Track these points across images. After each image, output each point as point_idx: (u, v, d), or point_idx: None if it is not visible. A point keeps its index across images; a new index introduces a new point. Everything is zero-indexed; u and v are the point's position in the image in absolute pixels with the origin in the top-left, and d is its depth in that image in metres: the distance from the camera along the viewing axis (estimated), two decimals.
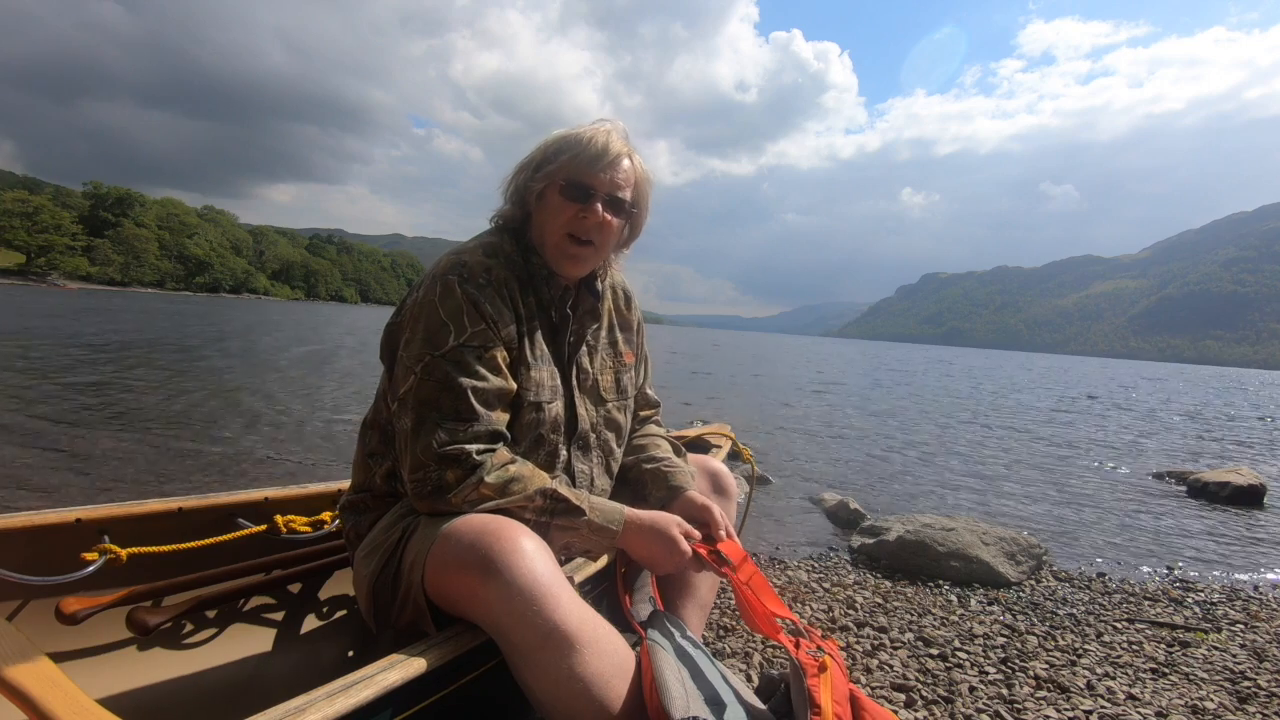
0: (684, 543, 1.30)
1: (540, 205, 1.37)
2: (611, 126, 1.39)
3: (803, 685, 1.10)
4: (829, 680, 1.11)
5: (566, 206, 1.34)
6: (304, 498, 1.78)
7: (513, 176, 1.40)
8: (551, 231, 1.36)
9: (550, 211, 1.36)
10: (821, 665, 1.15)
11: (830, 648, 1.24)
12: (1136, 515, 5.06)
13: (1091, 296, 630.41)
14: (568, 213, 1.34)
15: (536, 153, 1.38)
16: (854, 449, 7.49)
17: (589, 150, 1.33)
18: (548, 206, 1.36)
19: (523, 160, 1.40)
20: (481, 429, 1.21)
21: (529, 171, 1.37)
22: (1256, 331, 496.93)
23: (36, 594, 1.30)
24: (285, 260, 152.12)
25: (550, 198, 1.35)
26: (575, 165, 1.33)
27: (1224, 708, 1.95)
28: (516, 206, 1.40)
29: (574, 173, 1.33)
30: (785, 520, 4.20)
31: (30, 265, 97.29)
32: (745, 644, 2.18)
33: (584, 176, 1.33)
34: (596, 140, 1.34)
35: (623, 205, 1.38)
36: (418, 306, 1.27)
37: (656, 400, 1.71)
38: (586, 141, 1.34)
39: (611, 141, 1.36)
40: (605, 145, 1.35)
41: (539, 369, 1.33)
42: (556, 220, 1.35)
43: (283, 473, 4.57)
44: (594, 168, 1.33)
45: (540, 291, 1.39)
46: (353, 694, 0.85)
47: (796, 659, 1.17)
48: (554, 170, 1.34)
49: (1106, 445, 9.32)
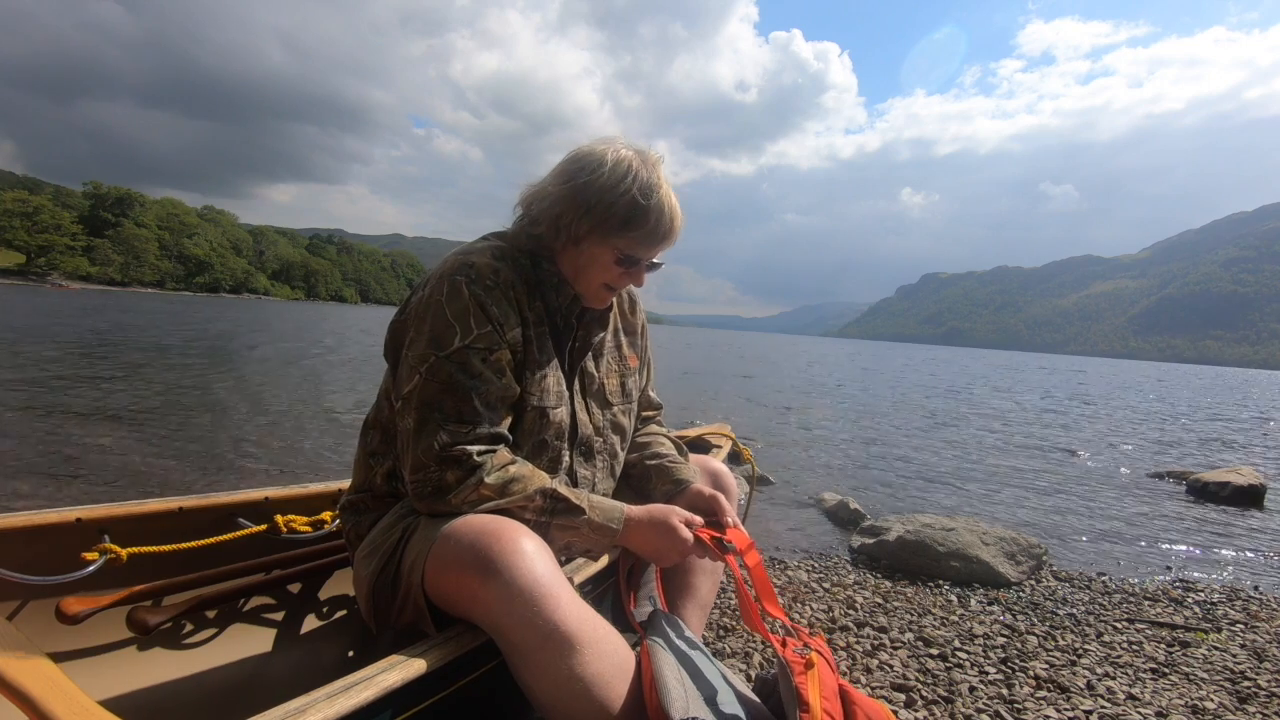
0: (685, 530, 1.29)
1: (581, 249, 1.32)
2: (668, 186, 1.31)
3: (790, 684, 1.10)
4: (816, 677, 1.11)
5: (614, 268, 1.33)
6: (304, 498, 1.78)
7: (558, 206, 1.29)
8: (589, 280, 1.35)
9: (596, 267, 1.33)
10: (808, 663, 1.15)
11: (818, 644, 1.24)
12: (1137, 515, 5.06)
13: (1091, 296, 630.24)
14: (613, 273, 1.33)
15: (594, 203, 1.26)
16: (854, 449, 7.49)
17: (657, 234, 1.30)
18: (594, 261, 1.32)
19: (571, 196, 1.27)
20: (483, 431, 1.20)
21: (579, 214, 1.27)
22: (1256, 331, 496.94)
23: (36, 594, 1.30)
24: (285, 260, 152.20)
25: (599, 255, 1.31)
26: (640, 245, 1.30)
27: (1224, 708, 1.95)
28: (558, 238, 1.32)
29: (636, 250, 1.31)
30: (785, 520, 4.19)
31: (30, 265, 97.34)
32: (745, 644, 2.18)
33: (643, 254, 1.33)
34: (663, 223, 1.29)
35: (657, 265, 1.39)
36: (423, 306, 1.25)
37: (659, 402, 1.72)
38: (655, 222, 1.28)
39: (677, 218, 1.32)
40: (670, 229, 1.31)
41: (544, 374, 1.33)
42: (596, 272, 1.33)
43: (283, 472, 4.57)
44: (660, 247, 1.33)
45: (548, 298, 1.37)
46: (353, 694, 0.85)
47: (783, 657, 1.17)
48: (615, 238, 1.29)
49: (1107, 445, 9.32)
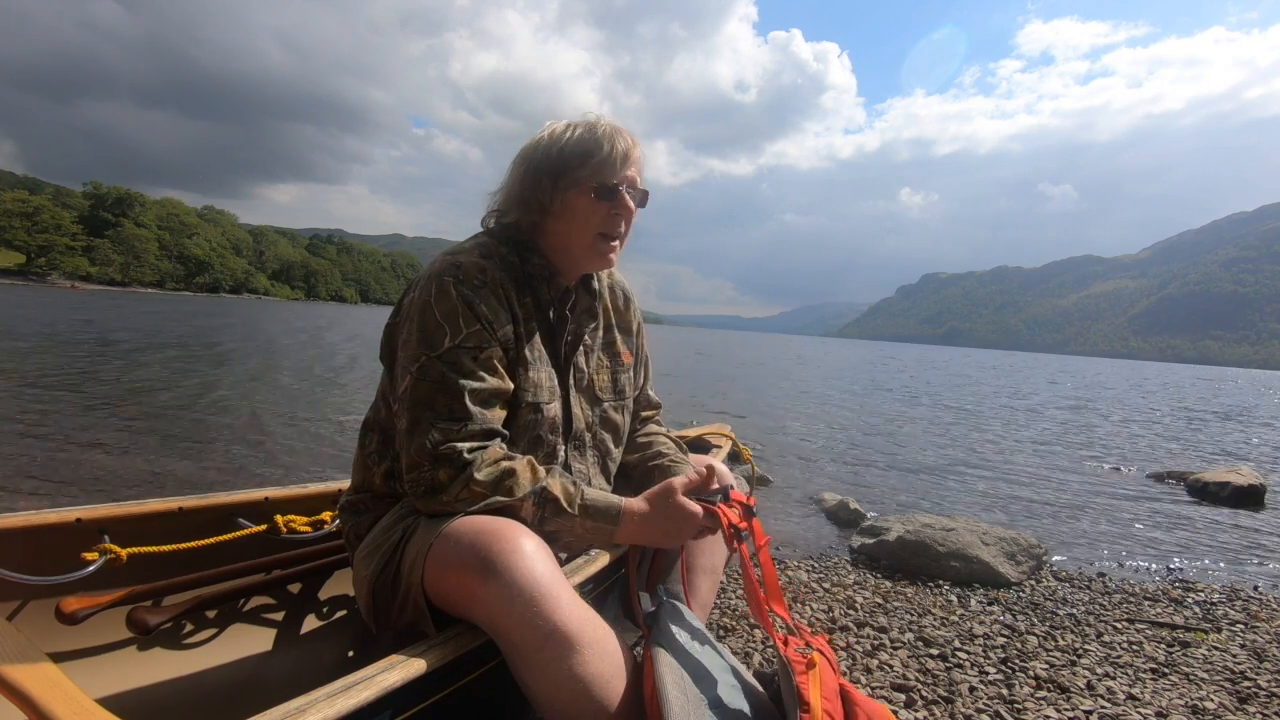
0: (688, 501, 1.29)
1: (564, 212, 1.36)
2: (610, 121, 1.39)
3: (791, 683, 1.10)
4: (818, 677, 1.11)
5: (598, 208, 1.34)
6: (304, 498, 1.78)
7: (517, 185, 1.37)
8: (582, 235, 1.36)
9: (579, 217, 1.35)
10: (810, 662, 1.14)
11: (819, 644, 1.24)
12: (1136, 515, 5.06)
13: (1091, 296, 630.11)
14: (600, 213, 1.35)
15: (545, 161, 1.34)
16: (854, 449, 7.49)
17: (616, 153, 1.33)
18: (575, 212, 1.35)
19: (524, 168, 1.37)
20: (475, 428, 1.21)
21: (547, 180, 1.34)
22: (1256, 331, 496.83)
23: (36, 594, 1.30)
24: (285, 260, 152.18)
25: (578, 203, 1.34)
26: (605, 170, 1.33)
27: (1224, 708, 1.95)
28: (529, 214, 1.37)
29: (604, 177, 1.33)
30: (785, 520, 4.20)
31: (30, 265, 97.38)
32: (745, 644, 2.18)
33: (615, 177, 1.34)
34: (617, 142, 1.35)
35: (642, 195, 1.41)
36: (413, 308, 1.27)
37: (658, 401, 1.72)
38: (609, 144, 1.34)
39: (625, 137, 1.36)
40: (627, 146, 1.35)
41: (537, 370, 1.34)
42: (588, 224, 1.35)
43: (283, 473, 4.57)
44: (625, 168, 1.35)
45: (538, 292, 1.38)
46: (353, 694, 0.85)
47: (785, 656, 1.17)
48: (583, 177, 1.33)
49: (1107, 445, 9.32)
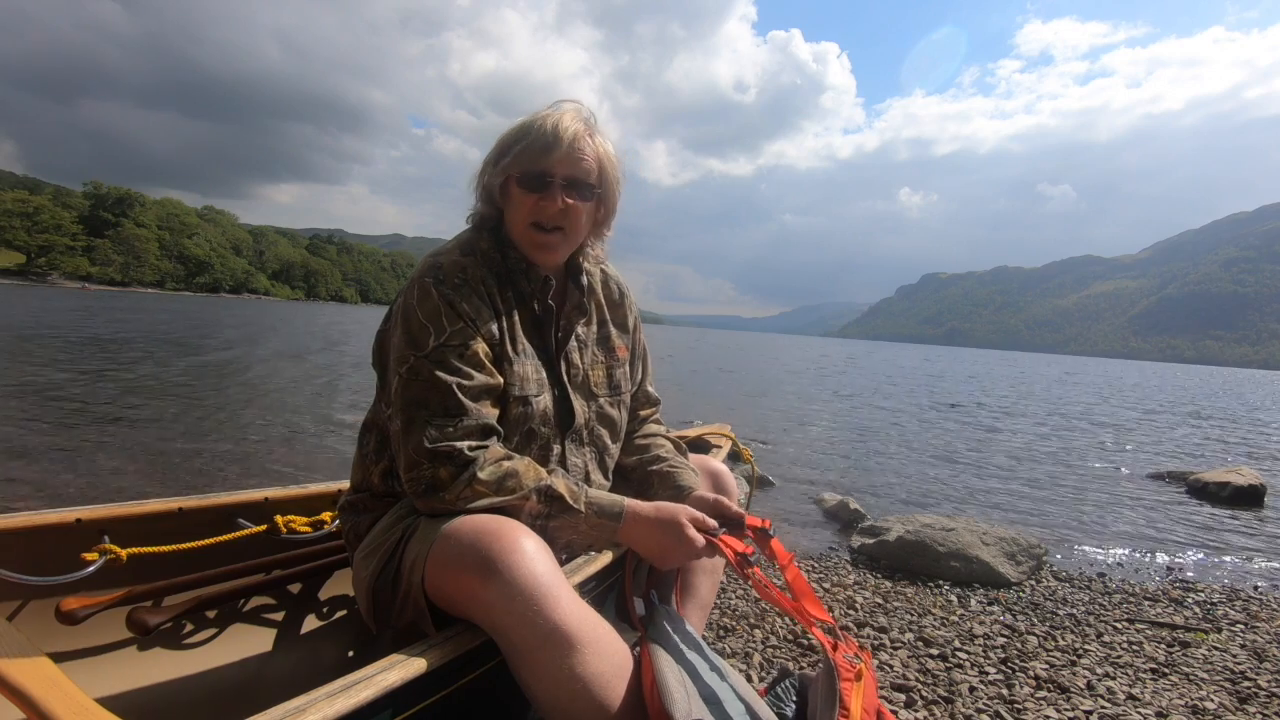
0: (694, 532, 1.27)
1: (505, 199, 1.36)
2: (571, 107, 1.36)
3: (835, 686, 1.10)
4: (863, 689, 1.11)
5: (526, 197, 1.32)
6: (304, 498, 1.78)
7: (480, 174, 1.39)
8: (517, 223, 1.35)
9: (514, 204, 1.35)
10: (858, 673, 1.14)
11: (867, 659, 1.23)
12: (1136, 515, 5.06)
13: (1091, 296, 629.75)
14: (528, 203, 1.32)
15: (493, 149, 1.36)
16: (854, 449, 7.49)
17: (541, 137, 1.29)
18: (511, 199, 1.35)
19: (487, 156, 1.38)
20: (471, 424, 1.21)
21: (490, 167, 1.36)
22: (1256, 331, 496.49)
23: (36, 594, 1.30)
24: (285, 260, 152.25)
25: (511, 190, 1.34)
26: (529, 154, 1.30)
27: (1224, 708, 1.95)
28: (487, 204, 1.39)
29: (528, 162, 1.31)
30: (785, 520, 4.19)
31: (30, 265, 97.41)
32: (745, 644, 2.19)
33: (539, 164, 1.30)
34: (547, 125, 1.30)
35: (585, 186, 1.34)
36: (399, 311, 1.29)
37: (656, 397, 1.71)
38: (537, 127, 1.30)
39: (564, 122, 1.31)
40: (557, 128, 1.30)
41: (522, 363, 1.33)
42: (520, 212, 1.34)
43: (283, 472, 4.57)
44: (550, 154, 1.30)
45: (519, 285, 1.38)
46: (353, 694, 0.85)
47: (834, 660, 1.17)
48: (509, 163, 1.31)
49: (1107, 445, 9.32)
